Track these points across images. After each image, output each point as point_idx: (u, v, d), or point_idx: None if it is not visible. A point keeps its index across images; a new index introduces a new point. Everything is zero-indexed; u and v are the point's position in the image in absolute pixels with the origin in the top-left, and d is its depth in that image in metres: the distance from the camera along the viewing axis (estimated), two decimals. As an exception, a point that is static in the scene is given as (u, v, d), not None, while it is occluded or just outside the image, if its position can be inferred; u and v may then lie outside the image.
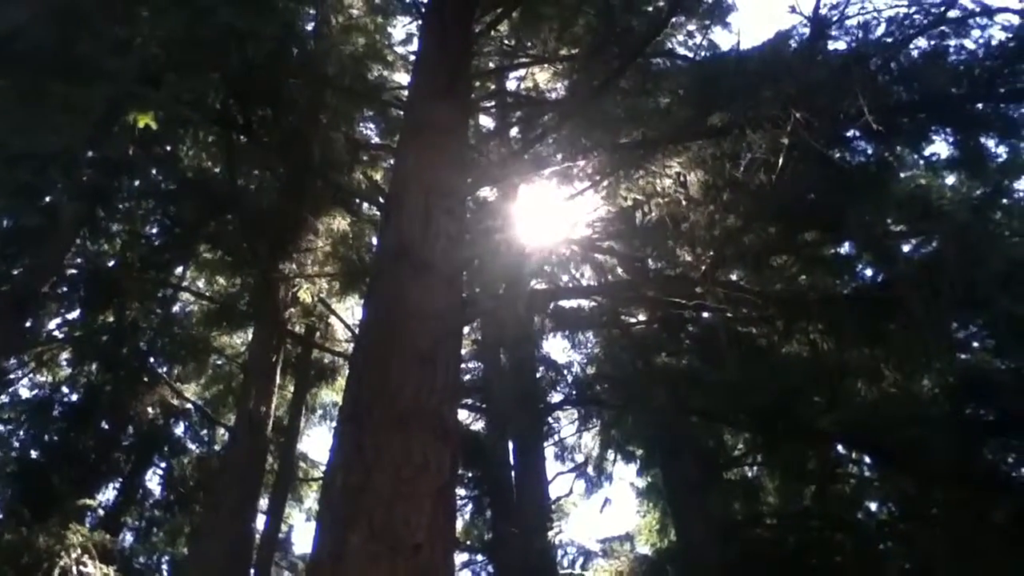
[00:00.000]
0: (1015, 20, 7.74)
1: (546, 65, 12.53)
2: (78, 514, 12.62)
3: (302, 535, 20.80)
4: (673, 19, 10.36)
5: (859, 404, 9.83)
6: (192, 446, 16.56)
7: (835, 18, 7.97)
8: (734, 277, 10.17)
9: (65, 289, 13.24)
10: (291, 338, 13.72)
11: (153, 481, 16.42)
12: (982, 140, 8.79)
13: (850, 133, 8.69)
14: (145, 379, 15.15)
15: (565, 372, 14.85)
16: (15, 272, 11.75)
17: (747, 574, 10.74)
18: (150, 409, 15.12)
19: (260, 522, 13.34)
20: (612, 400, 13.31)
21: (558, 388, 14.83)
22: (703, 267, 8.49)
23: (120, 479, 15.58)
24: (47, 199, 11.35)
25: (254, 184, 12.22)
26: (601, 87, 8.24)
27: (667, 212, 8.73)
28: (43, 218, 10.55)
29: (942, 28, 7.87)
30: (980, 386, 9.46)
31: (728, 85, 8.01)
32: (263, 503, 13.74)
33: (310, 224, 11.39)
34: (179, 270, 15.62)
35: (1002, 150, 9.22)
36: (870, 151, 8.98)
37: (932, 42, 8.00)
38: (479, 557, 15.07)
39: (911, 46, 8.03)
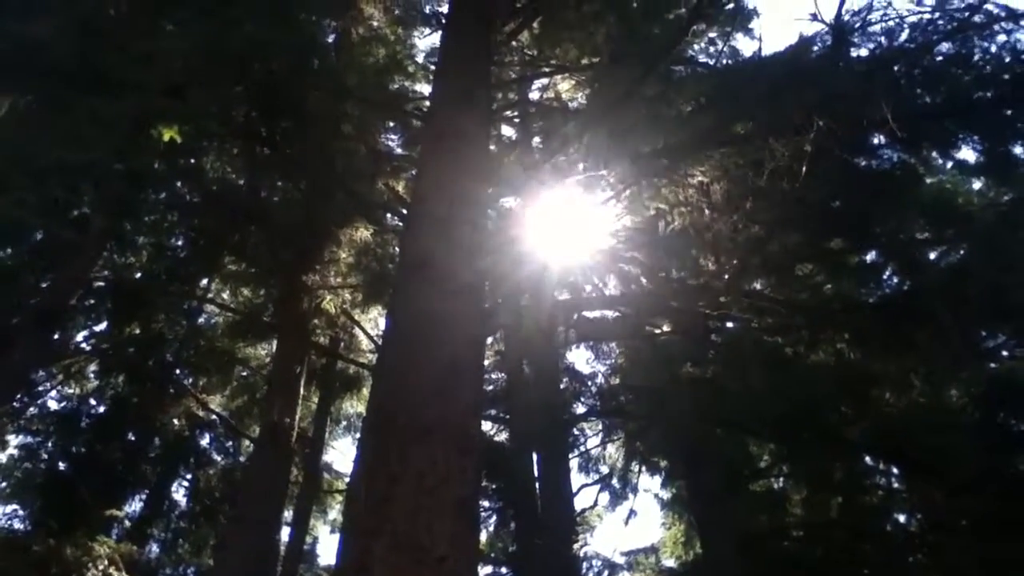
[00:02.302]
0: (1042, 24, 7.64)
1: (568, 74, 12.53)
2: (105, 525, 12.74)
3: (327, 546, 20.91)
4: (694, 27, 10.32)
5: (886, 414, 9.73)
6: (217, 457, 16.68)
7: (857, 24, 7.91)
8: (758, 286, 10.11)
9: (92, 302, 13.39)
10: (315, 349, 13.77)
11: (179, 492, 16.58)
12: (1009, 146, 8.67)
13: (875, 140, 8.62)
14: (171, 391, 15.25)
15: (589, 383, 14.80)
16: (43, 285, 11.88)
17: (773, 586, 10.65)
18: (176, 421, 15.22)
19: (285, 533, 13.41)
20: (636, 411, 13.24)
21: (582, 399, 14.78)
22: (727, 276, 8.45)
23: (146, 490, 15.70)
24: (76, 212, 11.50)
25: (277, 196, 12.29)
26: (623, 96, 8.21)
27: (690, 221, 8.68)
28: (74, 231, 10.67)
29: (966, 33, 7.79)
30: (1009, 395, 9.33)
31: (750, 93, 7.97)
32: (288, 514, 13.80)
33: (333, 235, 11.44)
34: (204, 282, 15.72)
35: (1030, 155, 9.07)
36: (895, 158, 8.89)
37: (957, 47, 7.91)
38: (503, 570, 15.04)
39: (935, 52, 7.95)
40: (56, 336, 12.72)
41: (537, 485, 12.78)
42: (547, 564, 11.31)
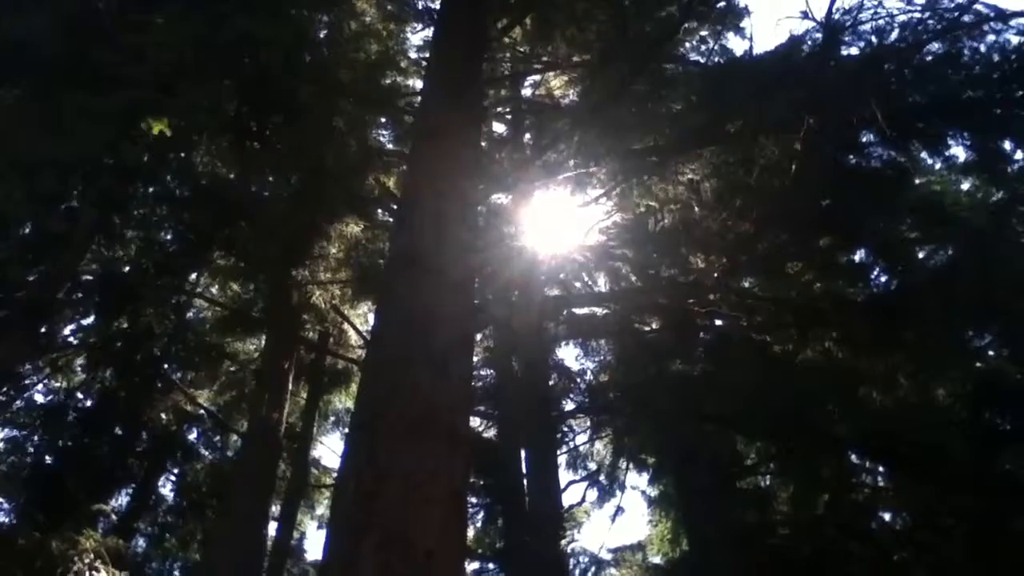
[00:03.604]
0: (1031, 24, 7.68)
1: (560, 71, 12.52)
2: (91, 519, 12.69)
3: (314, 542, 20.82)
4: (685, 25, 10.33)
5: (874, 412, 9.76)
6: (205, 452, 16.64)
7: (848, 23, 7.93)
8: (747, 284, 10.14)
9: (80, 295, 13.29)
10: (304, 344, 13.75)
11: (166, 487, 16.50)
12: (999, 144, 8.72)
13: (864, 138, 8.65)
14: (159, 385, 15.21)
15: (578, 379, 14.78)
16: (31, 278, 11.81)
17: (761, 583, 10.67)
18: (164, 415, 15.17)
19: (272, 528, 13.37)
20: (625, 408, 13.23)
21: (571, 395, 14.76)
22: (716, 274, 8.47)
23: (133, 485, 15.63)
24: (64, 205, 11.43)
25: (268, 191, 12.24)
26: (614, 94, 8.22)
27: (680, 219, 8.71)
28: (62, 224, 10.61)
29: (956, 33, 7.82)
30: (996, 394, 9.38)
31: (741, 91, 7.98)
32: (275, 509, 13.77)
33: (323, 230, 11.41)
34: (193, 276, 15.67)
35: (1019, 154, 9.13)
36: (885, 156, 8.93)
37: (947, 47, 7.95)
38: (491, 565, 15.01)
39: (925, 51, 7.98)
40: (43, 329, 12.65)
41: (525, 481, 12.78)
42: (534, 560, 11.31)
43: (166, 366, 15.74)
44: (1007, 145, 8.78)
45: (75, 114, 6.76)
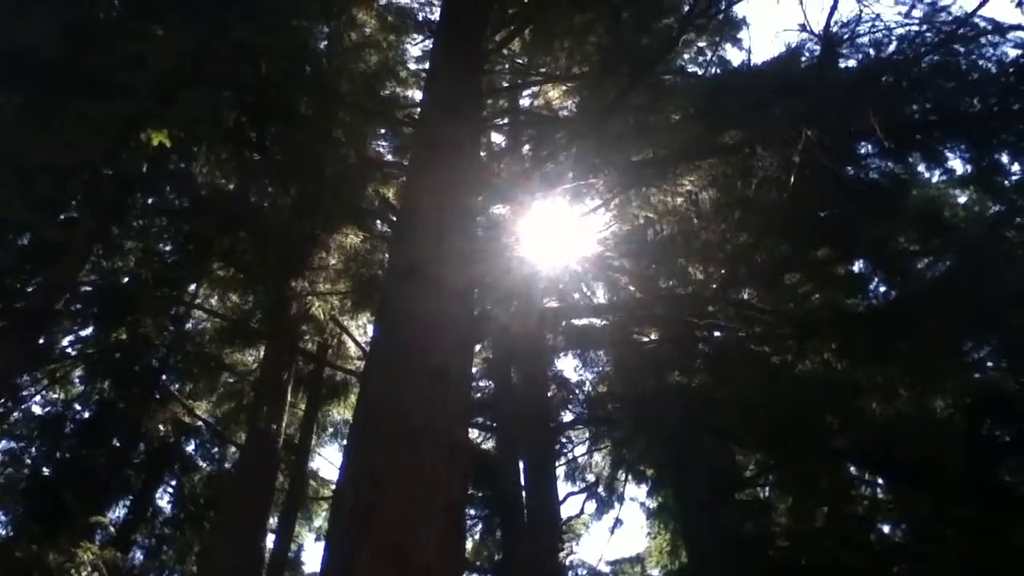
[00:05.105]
0: (1028, 38, 7.71)
1: (558, 83, 12.56)
2: (89, 531, 12.64)
3: (312, 554, 20.80)
4: (684, 36, 10.36)
5: (873, 423, 9.75)
6: (203, 464, 16.55)
7: (846, 36, 7.96)
8: (746, 295, 10.13)
9: (79, 306, 13.29)
10: (303, 355, 13.72)
11: (164, 498, 16.43)
12: (997, 157, 8.75)
13: (862, 150, 8.67)
14: (157, 396, 15.17)
15: (576, 390, 14.76)
16: (29, 288, 11.80)
17: (760, 595, 10.65)
18: (161, 426, 15.13)
19: (270, 540, 13.32)
20: (624, 419, 13.22)
21: (569, 407, 14.74)
22: (715, 285, 8.47)
23: (131, 496, 15.57)
24: (64, 215, 11.43)
25: (267, 201, 12.24)
26: (612, 105, 8.23)
27: (679, 230, 8.71)
28: (61, 234, 10.60)
29: (954, 46, 7.85)
30: (995, 405, 9.38)
31: (739, 102, 8.00)
32: (273, 521, 13.72)
33: (322, 241, 11.39)
34: (192, 287, 15.63)
35: (1016, 167, 9.17)
36: (883, 168, 8.95)
37: (944, 59, 7.97)
38: (489, 577, 14.98)
39: (923, 63, 8.01)
40: (41, 340, 12.63)
41: (523, 493, 12.76)
42: (532, 572, 11.28)
43: (164, 377, 15.71)
44: (1004, 158, 8.83)
45: (74, 123, 6.77)
